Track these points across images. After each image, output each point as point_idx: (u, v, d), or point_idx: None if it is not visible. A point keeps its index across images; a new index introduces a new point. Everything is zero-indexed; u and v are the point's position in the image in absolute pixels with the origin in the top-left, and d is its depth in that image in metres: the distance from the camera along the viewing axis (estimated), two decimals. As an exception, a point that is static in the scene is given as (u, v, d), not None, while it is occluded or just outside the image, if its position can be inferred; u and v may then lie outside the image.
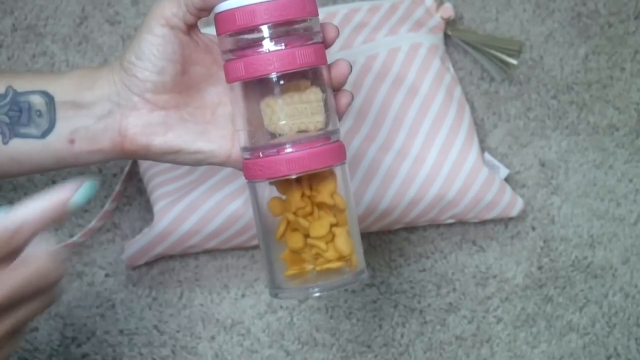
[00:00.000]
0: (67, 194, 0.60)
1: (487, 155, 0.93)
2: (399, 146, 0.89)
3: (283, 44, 0.66)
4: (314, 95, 0.68)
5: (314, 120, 0.68)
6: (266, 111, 0.67)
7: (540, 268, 0.93)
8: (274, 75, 0.66)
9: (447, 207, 0.90)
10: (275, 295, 0.69)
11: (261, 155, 0.67)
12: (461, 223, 0.93)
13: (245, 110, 0.68)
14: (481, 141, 0.95)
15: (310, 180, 0.68)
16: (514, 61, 0.96)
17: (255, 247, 0.92)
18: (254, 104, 0.68)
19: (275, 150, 0.67)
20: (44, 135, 0.70)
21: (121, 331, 0.90)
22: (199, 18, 0.69)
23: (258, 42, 0.66)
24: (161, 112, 0.70)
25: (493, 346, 0.92)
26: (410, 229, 0.93)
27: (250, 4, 0.66)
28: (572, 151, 0.96)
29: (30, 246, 0.59)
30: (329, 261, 0.68)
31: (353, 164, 0.88)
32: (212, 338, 0.90)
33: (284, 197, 0.69)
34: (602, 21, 0.99)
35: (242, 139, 0.69)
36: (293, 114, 0.67)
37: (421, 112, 0.90)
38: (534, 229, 0.94)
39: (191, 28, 0.70)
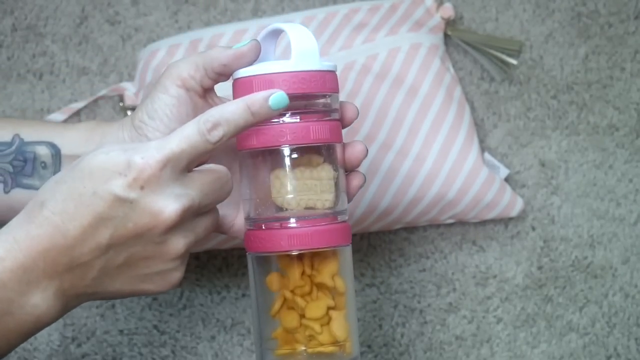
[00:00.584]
0: (266, 94, 0.62)
1: (487, 155, 0.93)
2: (399, 146, 0.89)
3: (298, 117, 0.65)
4: (325, 172, 0.66)
5: (323, 198, 0.66)
6: (275, 183, 0.66)
7: (540, 268, 0.93)
8: (286, 148, 0.65)
9: (447, 207, 0.90)
10: None
11: (264, 228, 0.66)
12: (461, 223, 0.93)
13: (253, 180, 0.67)
14: (481, 141, 0.95)
15: (312, 258, 0.67)
16: (514, 61, 0.96)
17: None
18: (263, 174, 0.67)
19: (278, 224, 0.66)
20: None
21: (121, 331, 0.90)
22: (217, 82, 0.68)
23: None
24: None
25: (493, 346, 0.92)
26: (410, 229, 0.93)
27: (269, 73, 0.65)
28: (572, 151, 0.96)
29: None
30: (323, 345, 0.66)
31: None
32: (212, 338, 0.90)
33: (283, 274, 0.67)
34: (602, 21, 0.99)
35: (247, 209, 0.68)
36: (302, 189, 0.66)
37: (421, 112, 0.90)
38: (534, 229, 0.94)
39: (207, 91, 0.68)
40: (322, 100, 0.67)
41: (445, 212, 0.90)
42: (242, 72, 0.66)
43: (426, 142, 0.89)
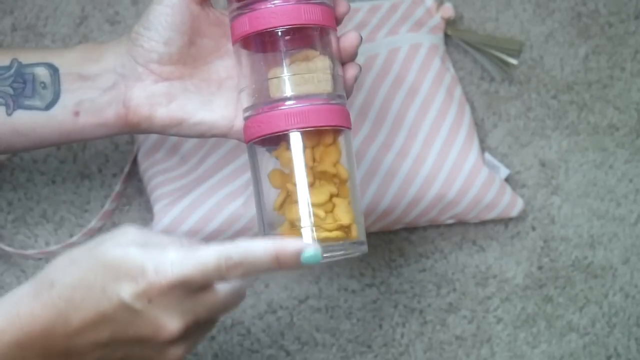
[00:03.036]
0: (299, 248, 0.60)
1: (487, 156, 0.93)
2: (399, 146, 0.89)
3: (290, 1, 0.66)
4: (321, 63, 0.67)
5: (320, 88, 0.67)
6: (272, 80, 0.67)
7: (540, 268, 0.93)
8: (280, 34, 0.66)
9: (447, 207, 0.90)
10: None
11: (262, 111, 0.67)
12: (461, 223, 0.93)
13: (250, 72, 0.68)
14: (481, 141, 0.95)
15: (313, 150, 0.67)
16: (514, 61, 0.96)
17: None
18: (260, 67, 0.67)
19: (277, 104, 0.66)
20: (48, 107, 0.70)
21: (121, 331, 0.90)
22: None
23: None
24: (165, 83, 0.70)
25: (493, 346, 0.92)
26: (411, 229, 0.93)
27: None
28: (572, 151, 0.96)
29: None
30: (328, 230, 0.66)
31: (353, 163, 0.88)
32: (212, 338, 0.90)
33: (286, 170, 0.68)
34: (602, 21, 0.99)
35: (244, 100, 0.68)
36: (299, 82, 0.67)
37: (421, 112, 0.90)
38: (534, 229, 0.94)
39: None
40: None
41: (446, 212, 0.90)
42: None
43: (426, 142, 0.89)
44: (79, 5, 0.96)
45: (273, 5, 0.66)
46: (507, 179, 0.94)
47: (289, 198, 0.67)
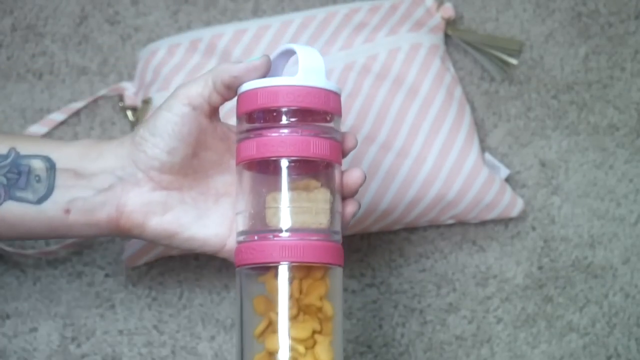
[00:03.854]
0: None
1: (487, 156, 0.93)
2: (399, 146, 0.89)
3: (300, 132, 0.66)
4: (322, 195, 0.67)
5: (317, 220, 0.66)
6: (271, 205, 0.66)
7: (540, 268, 0.93)
8: (284, 165, 0.66)
9: (447, 208, 0.90)
10: None
11: (256, 239, 0.66)
12: (461, 223, 0.93)
13: (249, 193, 0.67)
14: (481, 141, 0.95)
15: (301, 282, 0.66)
16: (514, 61, 0.96)
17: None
18: (260, 191, 0.67)
19: (271, 235, 0.66)
20: (39, 201, 0.68)
21: (121, 331, 0.90)
22: (224, 100, 0.68)
23: (275, 126, 0.66)
24: (163, 192, 0.69)
25: (493, 346, 0.92)
26: (411, 229, 0.93)
27: (274, 85, 0.65)
28: (573, 151, 0.96)
29: None
30: None
31: (353, 164, 0.87)
32: (212, 338, 0.90)
33: (270, 297, 0.67)
34: (602, 21, 0.99)
35: (240, 224, 0.68)
36: (297, 212, 0.66)
37: (421, 112, 0.90)
38: (534, 229, 0.94)
39: (213, 112, 0.69)
40: (324, 121, 0.67)
41: (446, 212, 0.90)
42: (247, 86, 0.67)
43: (426, 143, 0.89)
44: (79, 5, 0.96)
45: (283, 134, 0.65)
46: (507, 179, 0.94)
47: (271, 327, 0.66)
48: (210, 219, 0.70)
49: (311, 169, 0.67)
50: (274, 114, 0.66)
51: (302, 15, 0.93)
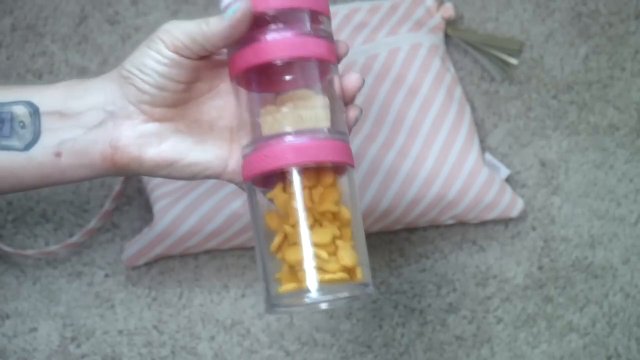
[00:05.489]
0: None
1: (487, 156, 0.93)
2: (400, 146, 0.89)
3: (295, 33, 0.64)
4: (320, 102, 0.65)
5: (320, 125, 0.64)
6: (268, 119, 0.65)
7: (540, 268, 0.93)
8: (281, 69, 0.64)
9: (447, 208, 0.90)
10: (272, 311, 0.64)
11: (261, 147, 0.64)
12: (461, 223, 0.93)
13: (247, 106, 0.66)
14: (481, 141, 0.95)
15: (312, 191, 0.64)
16: (514, 61, 0.96)
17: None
18: (257, 101, 0.66)
19: (277, 140, 0.63)
20: (27, 147, 0.66)
21: (120, 331, 0.90)
22: (217, 52, 0.67)
23: (269, 30, 0.64)
24: (156, 123, 0.67)
25: (493, 346, 0.92)
26: (411, 229, 0.93)
27: None
28: (573, 151, 0.96)
29: None
30: (331, 272, 0.62)
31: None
32: (212, 338, 0.90)
33: (282, 211, 0.65)
34: (602, 21, 0.99)
35: (243, 138, 0.66)
36: (298, 120, 0.64)
37: (421, 112, 0.90)
38: (534, 229, 0.94)
39: (202, 56, 0.67)
40: (317, 22, 0.65)
41: (446, 212, 0.90)
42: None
43: (426, 143, 0.89)
44: (78, 5, 0.96)
45: (277, 37, 0.64)
46: (507, 179, 0.94)
47: (287, 241, 0.64)
48: (208, 143, 0.68)
49: (308, 78, 0.65)
50: (265, 18, 0.64)
51: (302, 15, 0.93)
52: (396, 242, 0.93)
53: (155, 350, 0.89)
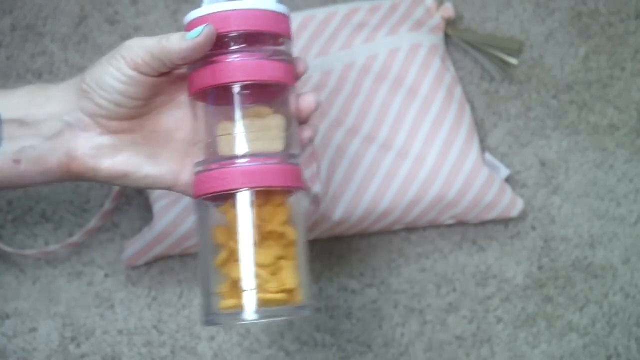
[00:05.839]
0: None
1: (487, 156, 0.93)
2: (399, 146, 0.89)
3: (252, 56, 0.65)
4: (275, 122, 0.66)
5: (273, 146, 0.66)
6: (226, 134, 0.66)
7: (540, 268, 0.93)
8: (237, 92, 0.65)
9: (447, 208, 0.89)
10: (209, 324, 0.66)
11: (214, 168, 0.65)
12: (461, 223, 0.93)
13: (204, 125, 0.67)
14: (481, 141, 0.95)
15: (262, 209, 0.65)
16: (514, 61, 0.96)
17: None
18: (214, 121, 0.67)
19: (229, 163, 0.65)
20: None
21: (120, 331, 0.90)
22: (176, 69, 0.67)
23: (227, 52, 0.65)
24: (112, 135, 0.68)
25: (493, 346, 0.92)
26: (411, 229, 0.93)
27: (224, 11, 0.64)
28: (573, 151, 0.96)
29: None
30: (271, 293, 0.64)
31: (353, 164, 0.87)
32: (212, 338, 0.90)
33: (231, 228, 0.66)
34: (602, 21, 0.99)
35: (197, 154, 0.67)
36: (252, 139, 0.65)
37: (421, 113, 0.90)
38: (534, 229, 0.94)
39: (163, 73, 0.67)
40: (277, 44, 0.66)
41: (446, 212, 0.90)
42: (196, 14, 0.66)
43: (426, 143, 0.89)
44: (78, 5, 0.96)
45: (236, 60, 0.65)
46: (507, 179, 0.94)
47: (232, 257, 0.65)
48: (162, 156, 0.69)
49: (265, 96, 0.67)
50: (225, 39, 0.65)
51: (302, 16, 0.93)
52: (396, 242, 0.93)
53: (155, 350, 0.89)
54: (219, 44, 0.65)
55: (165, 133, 0.69)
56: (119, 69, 0.66)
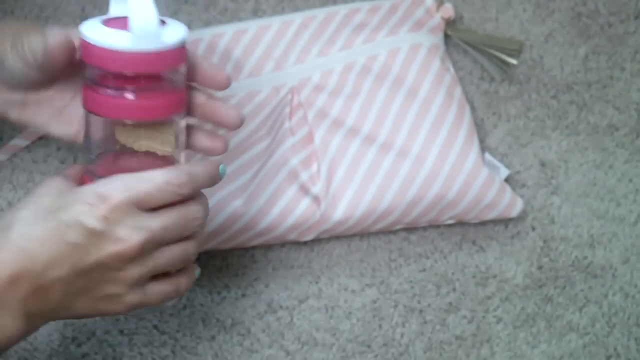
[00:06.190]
0: (216, 163, 0.68)
1: (487, 156, 0.93)
2: (399, 146, 0.89)
3: (143, 95, 0.67)
4: (167, 129, 0.69)
5: (163, 148, 0.70)
6: (118, 132, 0.69)
7: (540, 268, 0.93)
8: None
9: (447, 208, 0.90)
10: None
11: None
12: (461, 223, 0.93)
13: (92, 134, 0.70)
14: (481, 141, 0.95)
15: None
16: (514, 61, 0.96)
17: (256, 247, 0.92)
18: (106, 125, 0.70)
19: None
20: None
21: (121, 331, 0.90)
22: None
23: (110, 86, 0.67)
24: (20, 93, 0.71)
25: (493, 346, 0.92)
26: (410, 228, 0.93)
27: (110, 49, 0.65)
28: (572, 151, 0.96)
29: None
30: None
31: (353, 164, 0.88)
32: (212, 338, 0.90)
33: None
34: (602, 21, 0.99)
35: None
36: (143, 143, 0.69)
37: (421, 113, 0.90)
38: (534, 228, 0.94)
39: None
40: (161, 78, 0.68)
41: (445, 212, 0.90)
42: (85, 32, 0.66)
43: (426, 143, 0.89)
44: (79, 5, 0.96)
45: (128, 98, 0.66)
46: (507, 179, 0.94)
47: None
48: (67, 116, 0.72)
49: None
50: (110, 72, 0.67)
51: (302, 16, 0.93)
52: (396, 242, 0.93)
53: (156, 350, 0.90)
54: (105, 74, 0.67)
55: (72, 92, 0.73)
56: (22, 55, 0.68)
